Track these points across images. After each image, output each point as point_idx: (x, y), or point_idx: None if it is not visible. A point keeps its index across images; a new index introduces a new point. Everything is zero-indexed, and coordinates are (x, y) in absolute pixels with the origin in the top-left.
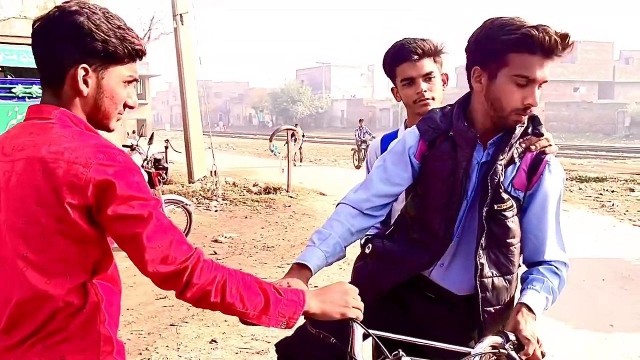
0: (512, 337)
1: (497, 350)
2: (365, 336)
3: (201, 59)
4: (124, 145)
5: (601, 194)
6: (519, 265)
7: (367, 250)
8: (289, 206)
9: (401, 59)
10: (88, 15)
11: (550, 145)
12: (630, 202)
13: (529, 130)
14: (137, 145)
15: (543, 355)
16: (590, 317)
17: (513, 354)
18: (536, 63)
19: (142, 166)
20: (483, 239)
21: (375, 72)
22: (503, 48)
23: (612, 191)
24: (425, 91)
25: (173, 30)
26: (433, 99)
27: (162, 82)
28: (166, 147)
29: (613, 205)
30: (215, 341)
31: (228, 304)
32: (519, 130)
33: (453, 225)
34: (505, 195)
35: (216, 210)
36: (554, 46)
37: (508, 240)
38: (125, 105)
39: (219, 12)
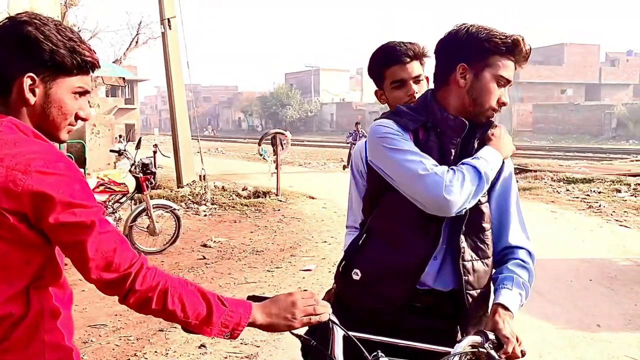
0: (491, 336)
1: (476, 350)
2: (346, 338)
3: (189, 63)
4: (111, 151)
5: (588, 195)
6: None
7: (355, 277)
8: (279, 210)
9: (393, 61)
10: (37, 26)
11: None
12: (617, 203)
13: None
14: (124, 150)
15: (523, 354)
16: (576, 317)
17: (493, 352)
18: (512, 68)
19: (130, 171)
20: (463, 224)
21: (364, 76)
22: (490, 49)
23: (599, 192)
24: (416, 93)
25: (161, 34)
26: None
27: (151, 86)
28: (154, 152)
29: (600, 206)
30: (204, 346)
31: (169, 311)
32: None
33: (443, 219)
34: None
35: (205, 215)
36: (527, 56)
37: (484, 225)
38: (77, 117)
39: (206, 13)
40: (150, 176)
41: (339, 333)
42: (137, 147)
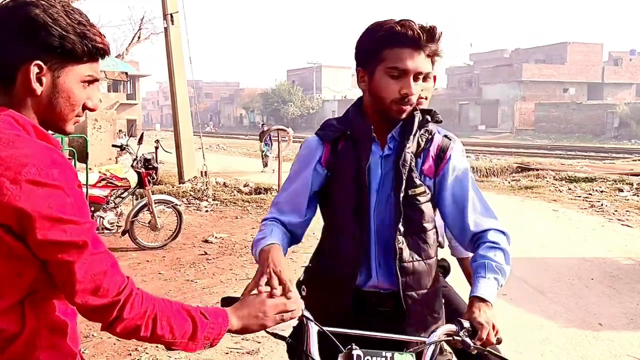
0: (466, 324)
1: (451, 338)
2: (320, 333)
3: (191, 58)
4: (113, 145)
5: (590, 194)
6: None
7: (302, 293)
8: None
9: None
10: (44, 8)
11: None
12: (618, 202)
13: (428, 118)
14: (127, 146)
15: (499, 342)
16: (578, 316)
17: (467, 339)
18: (407, 55)
19: (132, 166)
20: (401, 224)
21: None
22: (377, 46)
23: (601, 191)
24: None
25: (163, 30)
26: (426, 98)
27: (153, 82)
28: (156, 148)
29: (602, 205)
30: None
31: (158, 336)
32: (417, 120)
33: (367, 221)
34: (418, 181)
35: (207, 211)
36: (417, 38)
37: (424, 225)
38: (84, 107)
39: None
40: (152, 171)
41: (313, 328)
42: (140, 142)
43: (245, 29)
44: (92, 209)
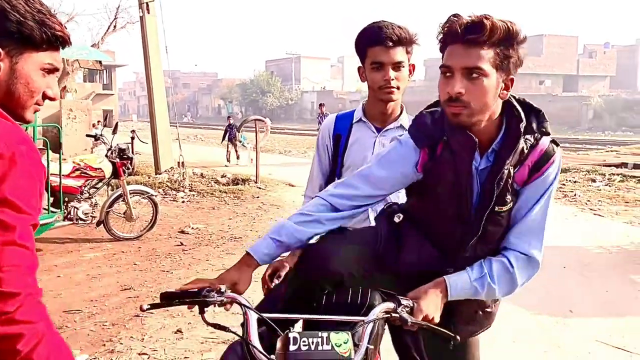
0: (404, 301)
1: (389, 315)
2: (260, 321)
3: (167, 48)
4: (87, 135)
5: (564, 184)
6: None
7: (397, 219)
8: (258, 197)
9: (376, 41)
10: None
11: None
12: (591, 193)
13: (534, 125)
14: (101, 135)
15: (432, 321)
16: (550, 303)
17: (405, 315)
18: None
19: (107, 156)
20: (476, 239)
21: (345, 64)
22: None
23: (575, 182)
24: (392, 79)
25: (139, 18)
26: (398, 88)
27: (129, 72)
28: (132, 138)
29: (575, 195)
30: (180, 331)
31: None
32: (522, 139)
33: (468, 235)
34: (509, 198)
35: (183, 202)
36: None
37: (498, 238)
38: (45, 96)
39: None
40: (127, 161)
41: (252, 316)
42: (114, 132)
43: (223, 18)
44: (66, 199)
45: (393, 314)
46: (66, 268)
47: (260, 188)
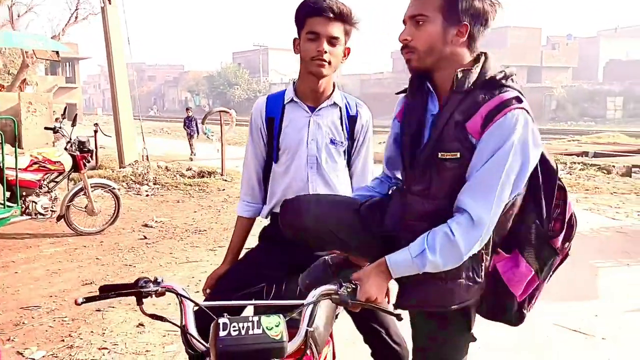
0: (347, 283)
1: (329, 297)
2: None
3: (130, 39)
4: (46, 128)
5: None
6: None
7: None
8: (223, 190)
9: (316, 11)
10: None
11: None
12: None
13: (498, 77)
14: (60, 128)
15: (375, 302)
16: None
17: (345, 296)
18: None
19: (66, 149)
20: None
21: None
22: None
23: None
24: (325, 52)
25: (100, 9)
26: (330, 63)
27: (94, 65)
28: (95, 131)
29: None
30: (142, 325)
31: None
32: (466, 83)
33: (416, 184)
34: (455, 145)
35: (147, 195)
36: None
37: (444, 196)
38: None
39: None
40: (88, 154)
41: (189, 305)
42: (73, 124)
43: (190, 9)
44: (24, 193)
45: (333, 296)
46: (25, 264)
47: (226, 180)
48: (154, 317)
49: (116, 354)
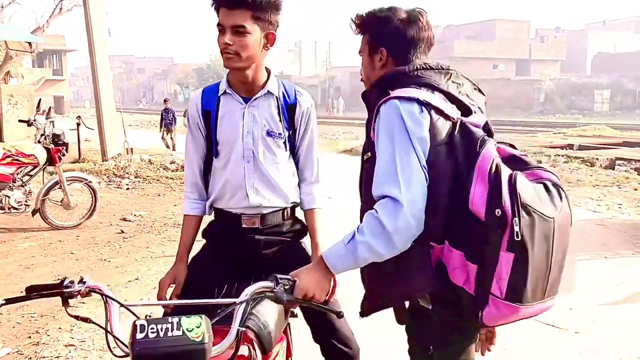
0: (284, 280)
1: (263, 294)
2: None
3: (110, 31)
4: (20, 121)
5: None
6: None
7: None
8: None
9: (218, 2)
10: None
11: None
12: None
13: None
14: (34, 120)
15: (313, 298)
16: None
17: (281, 293)
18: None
19: (40, 142)
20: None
21: (303, 49)
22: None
23: None
24: (230, 44)
25: (82, 1)
26: (238, 54)
27: (82, 57)
28: (78, 124)
29: None
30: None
31: None
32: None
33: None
34: (367, 146)
35: (128, 189)
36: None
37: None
38: None
39: None
40: (63, 147)
41: (114, 306)
42: (47, 117)
43: (178, 1)
44: None
45: (268, 293)
46: None
47: None
48: (78, 318)
49: (82, 350)
